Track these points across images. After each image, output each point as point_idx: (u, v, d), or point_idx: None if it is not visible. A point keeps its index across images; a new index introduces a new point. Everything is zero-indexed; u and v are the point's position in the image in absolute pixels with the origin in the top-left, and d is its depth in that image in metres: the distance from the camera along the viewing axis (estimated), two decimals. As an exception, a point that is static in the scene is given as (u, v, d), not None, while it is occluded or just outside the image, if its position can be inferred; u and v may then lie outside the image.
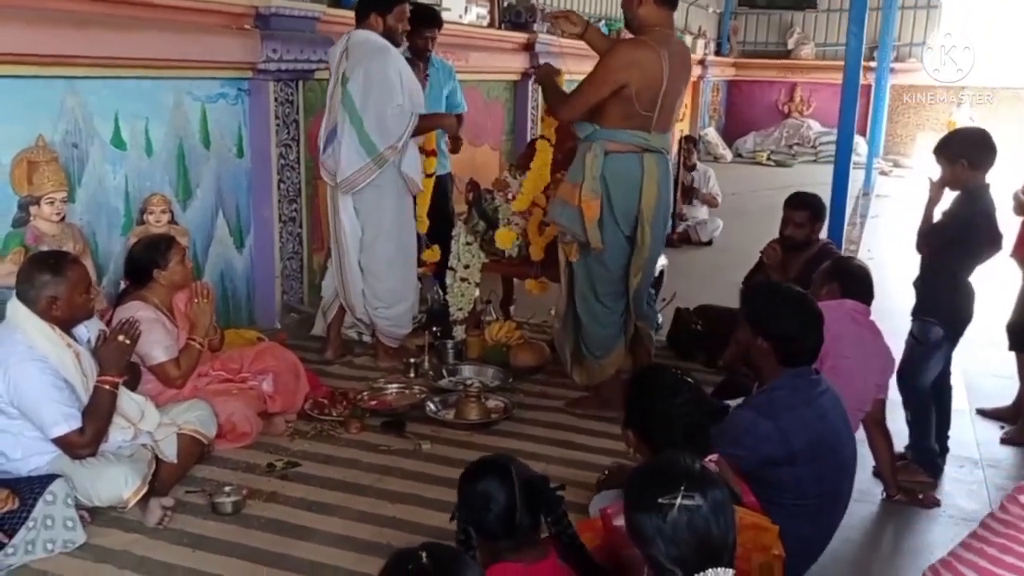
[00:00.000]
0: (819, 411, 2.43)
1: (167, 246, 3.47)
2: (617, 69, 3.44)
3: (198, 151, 4.50)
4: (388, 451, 3.52)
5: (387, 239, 4.26)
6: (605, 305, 3.76)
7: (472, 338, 4.60)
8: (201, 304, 3.46)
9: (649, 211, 3.59)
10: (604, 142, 3.53)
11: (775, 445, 2.35)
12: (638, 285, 3.74)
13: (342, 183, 4.11)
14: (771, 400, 2.43)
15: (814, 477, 2.39)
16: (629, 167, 3.55)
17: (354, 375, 4.36)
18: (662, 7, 3.53)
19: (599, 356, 3.82)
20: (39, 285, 2.84)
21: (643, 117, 3.51)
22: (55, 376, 2.81)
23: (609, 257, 3.65)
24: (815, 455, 2.38)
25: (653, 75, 3.44)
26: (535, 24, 8.06)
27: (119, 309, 3.38)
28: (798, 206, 4.23)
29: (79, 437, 2.82)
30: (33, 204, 3.55)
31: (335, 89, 4.11)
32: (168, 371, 3.36)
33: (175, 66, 4.24)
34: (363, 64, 4.00)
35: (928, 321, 3.52)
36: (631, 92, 3.44)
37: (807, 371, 2.50)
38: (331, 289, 4.55)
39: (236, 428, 3.44)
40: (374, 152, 4.03)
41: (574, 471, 3.38)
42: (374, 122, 4.01)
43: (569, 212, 3.59)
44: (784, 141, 15.60)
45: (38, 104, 3.65)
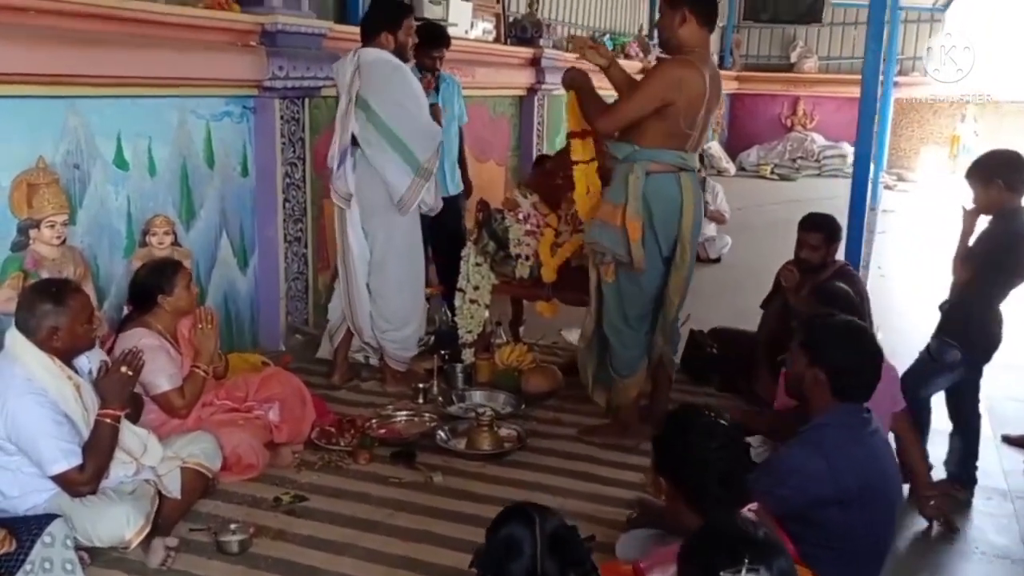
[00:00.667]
0: (871, 452, 2.34)
1: (173, 271, 3.36)
2: (666, 87, 3.41)
3: (202, 171, 4.40)
4: (398, 484, 3.41)
5: (397, 260, 4.18)
6: (632, 327, 3.72)
7: (482, 362, 4.49)
8: (205, 330, 3.35)
9: (688, 231, 3.57)
10: (646, 163, 3.49)
11: (825, 485, 2.25)
12: (678, 305, 3.72)
13: (399, 204, 4.04)
14: (821, 437, 2.33)
15: (864, 521, 2.29)
16: (669, 187, 3.53)
17: (361, 400, 4.24)
18: (703, 28, 3.51)
19: (624, 375, 3.77)
20: (40, 315, 2.73)
21: (684, 136, 3.50)
22: (54, 410, 2.69)
23: (646, 278, 3.61)
24: (866, 498, 2.28)
25: (697, 94, 3.43)
26: (541, 39, 7.99)
27: (122, 336, 3.27)
28: (812, 228, 4.15)
29: (79, 474, 2.70)
30: (33, 227, 3.43)
31: (348, 108, 4.01)
32: (172, 401, 3.25)
33: (179, 84, 4.15)
34: (385, 85, 3.95)
35: (948, 343, 3.47)
36: (677, 110, 3.41)
37: (859, 408, 2.40)
38: (338, 311, 4.44)
39: (242, 460, 3.32)
40: (416, 166, 3.98)
41: (594, 505, 3.27)
42: (411, 137, 3.96)
43: (611, 233, 3.53)
44: (788, 155, 15.52)
45: (38, 124, 3.55)
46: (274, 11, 4.50)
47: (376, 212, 4.09)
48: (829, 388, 2.39)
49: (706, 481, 2.00)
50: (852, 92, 15.74)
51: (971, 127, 15.52)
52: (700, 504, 2.04)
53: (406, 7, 4.25)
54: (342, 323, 4.40)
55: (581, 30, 10.61)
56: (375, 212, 4.10)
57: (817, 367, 2.40)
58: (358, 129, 4.00)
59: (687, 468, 2.02)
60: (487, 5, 7.67)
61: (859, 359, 2.39)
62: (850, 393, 2.38)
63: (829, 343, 2.42)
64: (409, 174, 4.00)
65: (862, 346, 2.41)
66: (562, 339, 5.23)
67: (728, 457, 2.02)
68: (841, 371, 2.37)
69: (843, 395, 2.38)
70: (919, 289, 6.86)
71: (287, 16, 4.53)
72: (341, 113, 4.07)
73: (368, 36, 4.08)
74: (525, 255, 4.39)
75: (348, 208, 4.13)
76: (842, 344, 2.40)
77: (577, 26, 10.61)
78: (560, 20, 9.91)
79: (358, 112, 3.99)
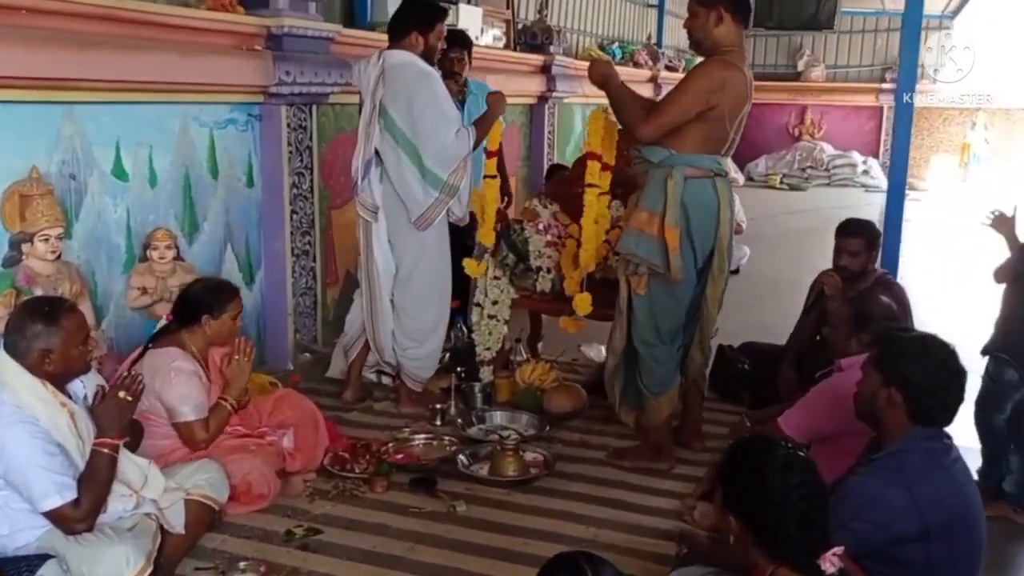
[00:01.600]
0: (955, 483, 2.12)
1: (228, 297, 3.17)
2: (711, 89, 3.24)
3: (205, 181, 4.18)
4: (419, 514, 3.17)
5: (423, 275, 3.97)
6: (664, 341, 3.51)
7: (501, 380, 4.26)
8: (241, 363, 3.14)
9: (725, 239, 3.42)
10: (684, 168, 3.30)
11: (908, 519, 2.04)
12: (712, 317, 3.56)
13: (417, 222, 3.83)
14: (902, 465, 2.11)
15: (946, 559, 2.08)
16: (707, 193, 3.36)
17: (376, 423, 4.01)
18: (739, 25, 3.34)
19: (657, 393, 3.54)
20: (31, 336, 2.50)
21: (721, 141, 3.35)
22: (46, 440, 2.46)
23: (681, 289, 3.42)
24: (951, 533, 2.06)
25: (740, 96, 3.29)
26: (551, 46, 7.80)
27: (153, 351, 3.06)
28: (852, 233, 3.95)
29: (74, 510, 2.46)
30: (26, 242, 3.21)
31: (373, 116, 3.80)
32: (195, 432, 3.03)
33: (181, 90, 3.93)
34: (409, 93, 3.72)
35: (1004, 360, 3.31)
36: (722, 113, 3.25)
37: (940, 433, 2.18)
38: (356, 325, 4.22)
39: (252, 489, 3.09)
40: (440, 184, 3.77)
41: (629, 536, 3.04)
42: (434, 154, 3.74)
43: (647, 242, 3.32)
44: (797, 164, 15.34)
45: (32, 132, 3.33)
46: (280, 14, 4.29)
47: (405, 226, 3.89)
48: (906, 411, 2.17)
49: (786, 522, 1.76)
50: (860, 101, 15.82)
51: (981, 135, 15.34)
52: (775, 547, 1.80)
53: (441, 10, 4.03)
54: (359, 337, 4.18)
55: (590, 37, 10.43)
56: (404, 226, 3.90)
57: (893, 387, 2.19)
58: (378, 140, 3.79)
59: (763, 508, 1.78)
60: (497, 11, 7.48)
61: (940, 378, 2.16)
62: (930, 416, 2.16)
63: (906, 360, 2.19)
64: (431, 193, 3.79)
65: (944, 364, 2.18)
66: (582, 355, 5.01)
67: (808, 495, 1.77)
68: (920, 392, 2.15)
69: (922, 419, 2.16)
70: (943, 299, 6.66)
71: (294, 19, 4.32)
72: (365, 122, 3.85)
73: (396, 36, 3.87)
74: (546, 267, 4.18)
75: (375, 221, 3.92)
76: (921, 361, 2.18)
77: (586, 33, 10.43)
78: (570, 27, 9.72)
79: (379, 121, 3.77)
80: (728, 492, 1.87)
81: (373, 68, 3.82)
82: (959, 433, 3.39)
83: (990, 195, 12.76)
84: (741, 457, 1.88)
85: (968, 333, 3.41)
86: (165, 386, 2.95)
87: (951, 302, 6.67)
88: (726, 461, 1.92)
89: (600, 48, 10.20)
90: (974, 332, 3.49)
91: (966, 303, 6.65)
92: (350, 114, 5.07)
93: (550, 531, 3.06)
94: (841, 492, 2.10)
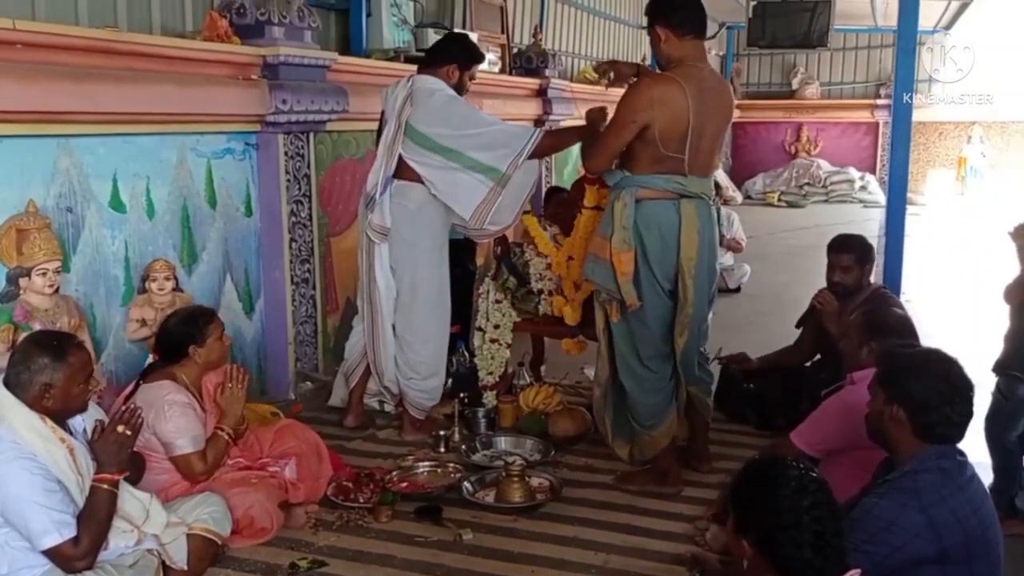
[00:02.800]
0: (972, 502, 2.07)
1: (206, 321, 3.14)
2: (637, 109, 3.14)
3: (203, 211, 4.16)
4: (425, 543, 3.11)
5: (424, 302, 3.94)
6: (651, 369, 3.39)
7: (505, 405, 4.22)
8: (235, 390, 3.10)
9: (690, 263, 3.24)
10: (635, 189, 3.20)
11: (925, 542, 1.99)
12: (684, 346, 3.36)
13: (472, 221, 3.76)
14: (916, 485, 2.06)
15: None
16: (664, 215, 3.22)
17: (379, 451, 3.96)
18: (684, 38, 3.21)
19: (648, 427, 3.43)
20: (36, 369, 2.47)
21: (673, 160, 3.18)
22: (45, 476, 2.42)
23: (650, 316, 3.30)
24: (970, 554, 2.01)
25: (677, 112, 3.11)
26: (547, 69, 7.82)
27: (146, 387, 3.03)
28: (843, 249, 3.95)
29: (73, 548, 2.41)
30: (23, 276, 3.17)
31: (397, 136, 3.78)
32: (193, 464, 2.98)
33: (178, 120, 3.93)
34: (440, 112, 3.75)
35: (1016, 376, 3.27)
36: (654, 133, 3.12)
37: (953, 450, 2.13)
38: (356, 350, 4.18)
39: (255, 523, 3.03)
40: (496, 174, 3.68)
41: (639, 561, 2.99)
42: (479, 145, 3.69)
43: (602, 268, 3.26)
44: (794, 181, 15.38)
45: (28, 166, 3.31)
46: (276, 43, 4.29)
47: (408, 251, 3.88)
48: (911, 428, 2.13)
49: (800, 545, 1.72)
50: (855, 117, 15.88)
51: (978, 148, 15.38)
52: (790, 572, 1.75)
53: (482, 56, 4.16)
54: (360, 362, 4.15)
55: (585, 60, 10.48)
56: (407, 250, 3.88)
57: (895, 404, 2.15)
58: (410, 153, 3.76)
59: (777, 531, 1.73)
60: (492, 36, 7.51)
61: (943, 393, 2.12)
62: (935, 433, 2.12)
63: (907, 376, 2.16)
64: (485, 184, 3.69)
65: (946, 378, 2.14)
66: (585, 377, 4.95)
67: (822, 517, 1.73)
68: (922, 408, 2.11)
69: (928, 436, 2.12)
70: (946, 313, 6.63)
71: (289, 48, 4.33)
72: (388, 141, 3.83)
73: (432, 64, 3.91)
74: (548, 290, 4.14)
75: (381, 243, 3.89)
76: (921, 377, 2.14)
77: (581, 56, 10.47)
78: (564, 50, 9.76)
79: (405, 139, 3.76)
80: (740, 516, 1.82)
81: (401, 90, 3.83)
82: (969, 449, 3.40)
83: (988, 208, 12.80)
84: (753, 480, 1.83)
85: (974, 348, 3.39)
86: (159, 420, 2.91)
87: (954, 317, 6.64)
88: (737, 484, 1.88)
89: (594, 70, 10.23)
90: (980, 347, 3.46)
91: (969, 317, 6.63)
92: (347, 141, 5.07)
93: (559, 558, 3.01)
94: (855, 514, 2.05)
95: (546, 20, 9.19)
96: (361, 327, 4.13)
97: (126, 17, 4.09)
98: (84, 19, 3.85)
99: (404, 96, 3.80)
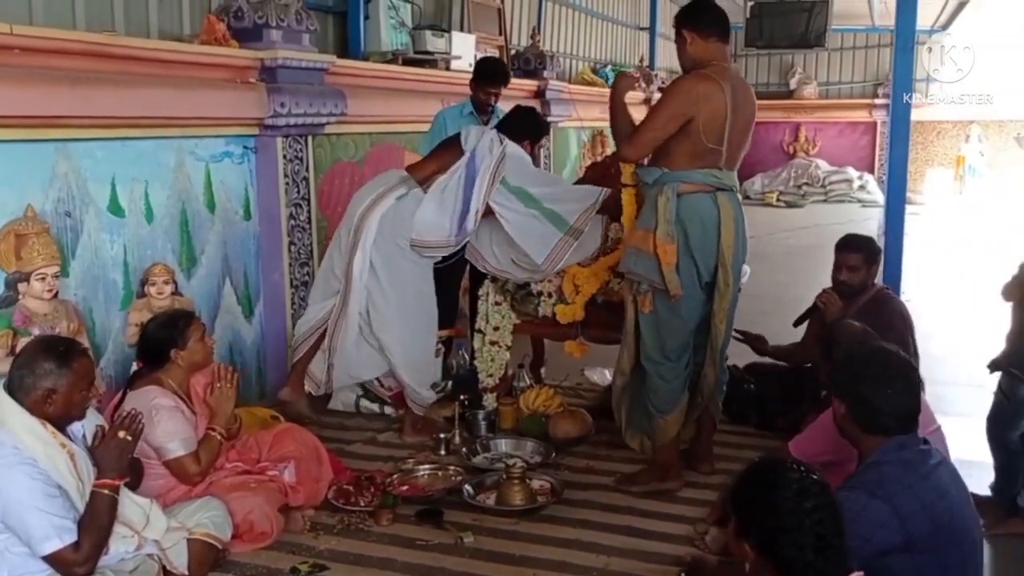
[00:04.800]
0: (938, 488, 2.10)
1: (186, 323, 3.12)
2: (683, 103, 3.26)
3: (202, 215, 4.16)
4: (426, 546, 3.11)
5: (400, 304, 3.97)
6: (670, 359, 3.48)
7: (505, 407, 4.21)
8: (223, 389, 3.10)
9: (729, 252, 3.36)
10: (676, 184, 3.31)
11: (891, 531, 2.02)
12: (724, 334, 3.50)
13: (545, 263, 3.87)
14: (880, 477, 2.10)
15: (937, 567, 2.05)
16: (705, 207, 3.34)
17: (379, 455, 3.95)
18: (709, 40, 3.35)
19: (664, 411, 3.50)
20: (40, 374, 2.46)
21: (712, 153, 3.30)
22: (45, 482, 2.41)
23: (685, 306, 3.39)
24: (938, 541, 2.04)
25: (718, 107, 3.25)
26: (545, 71, 7.82)
27: (132, 394, 3.01)
28: (852, 249, 3.92)
29: (74, 553, 2.41)
30: (22, 281, 3.18)
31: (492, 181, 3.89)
32: (186, 466, 2.98)
33: (176, 124, 3.92)
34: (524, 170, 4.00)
35: (1017, 376, 3.25)
36: (698, 126, 3.24)
37: (914, 440, 2.17)
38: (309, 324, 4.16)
39: (254, 527, 3.02)
40: (565, 226, 3.83)
41: (639, 564, 2.98)
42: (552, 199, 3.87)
43: (645, 260, 3.35)
44: (793, 181, 15.39)
45: (27, 171, 3.32)
46: (274, 46, 4.30)
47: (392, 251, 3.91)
48: (857, 423, 2.21)
49: (802, 548, 1.71)
50: (853, 116, 15.89)
51: (976, 147, 15.38)
52: (791, 574, 1.75)
53: (548, 127, 4.54)
54: (309, 336, 4.14)
55: (583, 62, 10.48)
56: (391, 251, 3.91)
57: (839, 402, 2.24)
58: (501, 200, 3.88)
59: (778, 534, 1.73)
60: (490, 38, 7.51)
61: (878, 386, 2.17)
62: (880, 425, 2.17)
63: (845, 372, 2.25)
64: (556, 235, 3.84)
65: (881, 371, 2.20)
66: (586, 379, 4.96)
67: (824, 519, 1.73)
68: (860, 401, 2.18)
69: (874, 428, 2.18)
70: (946, 312, 6.63)
71: (287, 51, 4.33)
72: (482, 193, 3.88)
73: (509, 135, 4.05)
74: (548, 292, 4.14)
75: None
76: (857, 371, 2.22)
77: (579, 57, 10.48)
78: (562, 52, 9.77)
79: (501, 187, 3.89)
80: (742, 519, 1.82)
81: (496, 146, 3.95)
82: (972, 448, 3.40)
83: (986, 207, 12.81)
84: (754, 483, 1.84)
85: (974, 347, 3.39)
86: (148, 426, 2.88)
87: (953, 315, 6.64)
88: (738, 487, 1.87)
89: (592, 71, 10.24)
90: (980, 345, 3.46)
91: (969, 316, 6.63)
92: (346, 144, 5.08)
93: (559, 560, 3.00)
94: None
95: (544, 22, 9.20)
96: (318, 305, 4.13)
97: (123, 21, 4.09)
98: (82, 23, 3.85)
99: (499, 157, 3.92)
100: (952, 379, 4.78)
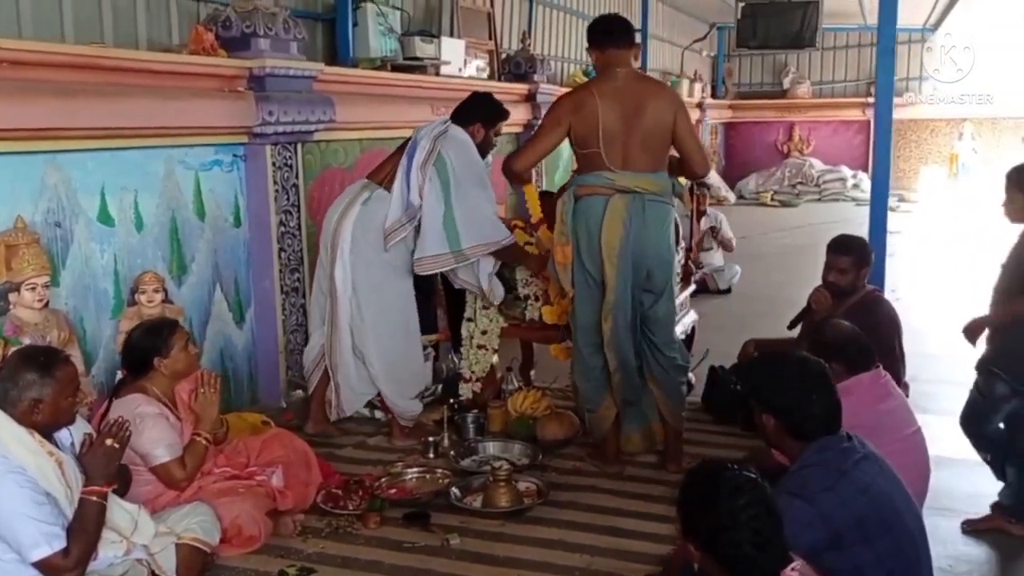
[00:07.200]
0: (859, 483, 2.17)
1: (169, 332, 3.15)
2: (555, 115, 3.64)
3: (192, 223, 4.21)
4: (413, 549, 3.15)
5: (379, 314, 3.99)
6: (583, 356, 3.72)
7: (494, 410, 4.25)
8: (207, 395, 3.12)
9: (610, 249, 3.51)
10: (575, 188, 3.60)
11: (816, 530, 2.10)
12: (611, 332, 3.60)
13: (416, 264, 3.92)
14: (804, 480, 2.19)
15: (873, 560, 2.12)
16: (593, 209, 3.53)
17: (368, 458, 4.00)
18: (606, 50, 3.59)
19: (588, 410, 3.79)
20: (23, 385, 2.50)
21: (595, 156, 3.52)
22: (34, 489, 2.45)
23: (579, 304, 3.67)
24: (867, 534, 2.10)
25: (588, 113, 3.51)
26: (535, 75, 7.86)
27: (117, 403, 3.05)
28: (843, 251, 3.92)
29: (63, 559, 2.44)
30: (12, 291, 3.22)
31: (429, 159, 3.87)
32: (172, 472, 3.02)
33: (165, 134, 3.97)
34: (461, 162, 3.89)
35: (994, 374, 3.30)
36: (575, 133, 3.56)
37: (835, 441, 2.25)
38: (313, 353, 4.20)
39: (243, 531, 3.06)
40: (457, 246, 3.86)
41: (623, 563, 3.03)
42: (465, 218, 3.85)
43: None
44: (787, 181, 15.45)
45: (16, 182, 3.36)
46: (262, 55, 4.34)
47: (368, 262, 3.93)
48: (785, 431, 2.30)
49: (740, 543, 1.78)
50: (847, 115, 15.94)
51: (969, 145, 15.45)
52: (736, 569, 1.81)
53: (506, 113, 4.26)
54: (318, 365, 4.17)
55: (574, 65, 10.52)
56: (367, 260, 3.93)
57: (764, 414, 2.32)
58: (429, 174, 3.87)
59: (717, 532, 1.80)
60: (480, 43, 7.55)
61: (797, 393, 2.28)
62: (805, 429, 2.27)
63: (764, 384, 2.36)
64: (444, 246, 3.86)
65: (799, 380, 2.30)
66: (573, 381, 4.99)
67: (760, 514, 1.80)
68: (783, 410, 2.28)
69: (801, 435, 2.27)
70: (936, 311, 6.66)
71: (275, 59, 4.38)
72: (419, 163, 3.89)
73: (460, 121, 4.03)
74: (534, 296, 4.19)
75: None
76: (774, 381, 2.33)
77: (570, 60, 10.53)
78: (553, 55, 9.82)
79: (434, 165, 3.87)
80: (684, 521, 1.90)
81: (439, 125, 4.00)
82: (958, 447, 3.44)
83: (979, 204, 12.85)
84: (692, 486, 1.92)
85: (967, 345, 3.42)
86: (134, 433, 2.92)
87: (945, 313, 6.67)
88: (681, 491, 1.94)
89: (584, 74, 10.27)
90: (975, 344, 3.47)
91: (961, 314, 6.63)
92: (335, 150, 5.13)
93: (544, 561, 3.05)
94: None
95: (534, 25, 9.24)
96: (319, 332, 4.16)
97: (112, 33, 4.14)
98: (70, 36, 3.90)
99: (440, 131, 3.94)
100: (945, 378, 4.78)
